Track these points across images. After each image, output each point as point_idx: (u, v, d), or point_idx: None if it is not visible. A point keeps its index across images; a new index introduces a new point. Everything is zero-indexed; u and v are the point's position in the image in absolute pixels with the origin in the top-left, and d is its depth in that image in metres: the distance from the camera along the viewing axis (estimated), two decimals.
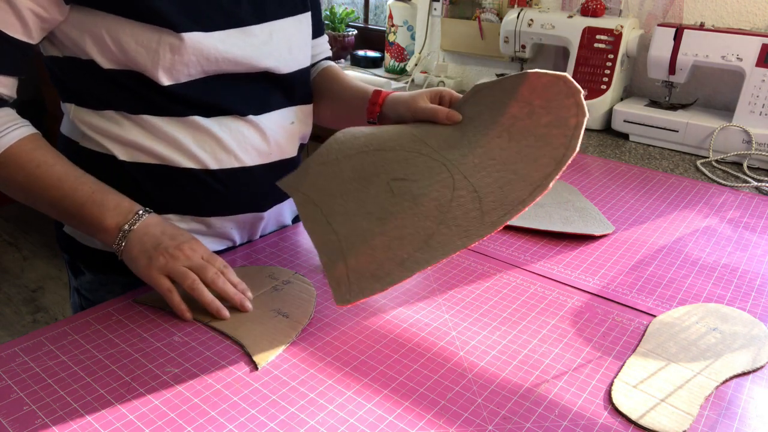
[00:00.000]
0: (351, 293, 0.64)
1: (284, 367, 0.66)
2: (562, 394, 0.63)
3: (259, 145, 0.87)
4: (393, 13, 2.21)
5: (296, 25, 0.90)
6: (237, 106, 0.84)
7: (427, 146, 0.77)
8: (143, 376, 0.64)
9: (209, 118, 0.82)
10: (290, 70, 0.90)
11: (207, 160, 0.82)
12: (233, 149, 0.84)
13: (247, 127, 0.85)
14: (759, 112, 1.40)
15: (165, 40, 0.74)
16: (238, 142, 0.84)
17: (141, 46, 0.74)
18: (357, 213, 0.71)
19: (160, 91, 0.78)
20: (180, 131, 0.80)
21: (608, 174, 1.27)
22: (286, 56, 0.88)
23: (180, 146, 0.81)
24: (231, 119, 0.84)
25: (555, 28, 1.68)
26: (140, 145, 0.80)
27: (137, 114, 0.79)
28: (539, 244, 0.95)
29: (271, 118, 0.88)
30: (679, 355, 0.69)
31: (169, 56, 0.75)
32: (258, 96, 0.86)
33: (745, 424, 0.60)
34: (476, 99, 0.81)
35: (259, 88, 0.86)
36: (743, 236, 1.00)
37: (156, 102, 0.79)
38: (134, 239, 0.73)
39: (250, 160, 0.86)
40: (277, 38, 0.86)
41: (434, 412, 0.60)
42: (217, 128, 0.82)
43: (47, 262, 2.73)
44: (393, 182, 0.73)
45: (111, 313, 0.74)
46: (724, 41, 1.42)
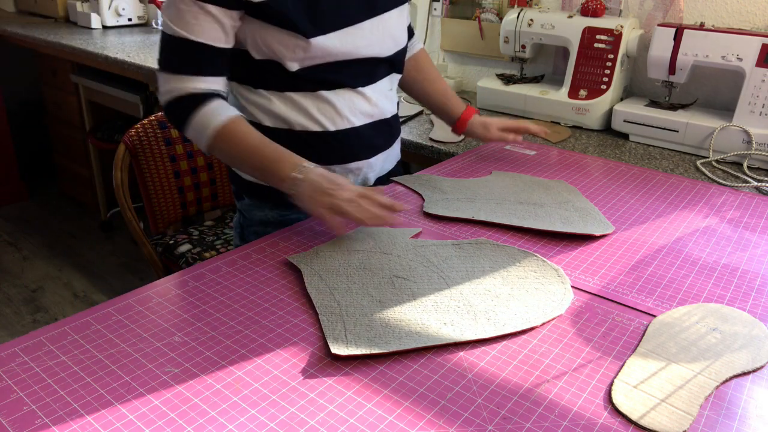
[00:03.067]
0: (348, 347, 0.68)
1: (284, 367, 0.66)
2: (562, 394, 0.63)
3: (366, 109, 1.11)
4: None
5: (399, 15, 1.12)
6: (350, 81, 1.08)
7: (430, 262, 0.87)
8: (143, 376, 0.64)
9: (330, 91, 1.06)
10: (392, 53, 1.13)
11: (327, 124, 1.07)
12: (346, 114, 1.08)
13: (357, 96, 1.09)
14: (759, 112, 1.40)
15: (299, 44, 1.00)
16: (350, 109, 1.09)
17: (281, 45, 1.00)
18: (359, 293, 0.79)
19: (293, 74, 1.03)
20: (309, 103, 1.06)
21: (608, 174, 1.27)
22: (390, 43, 1.11)
23: (309, 115, 1.06)
24: (346, 91, 1.08)
25: (555, 28, 1.68)
26: (281, 115, 1.06)
27: (282, 91, 1.05)
28: (539, 244, 0.95)
29: (375, 88, 1.12)
30: (679, 355, 0.69)
31: (302, 54, 1.01)
32: (367, 72, 1.10)
33: (745, 424, 0.60)
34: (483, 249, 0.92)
35: (366, 67, 1.10)
36: (743, 236, 1.00)
37: (292, 82, 1.04)
38: (301, 185, 0.92)
39: (359, 121, 1.10)
40: (383, 28, 1.08)
41: (434, 412, 0.60)
42: (335, 99, 1.07)
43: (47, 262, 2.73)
44: (395, 278, 0.83)
45: (111, 313, 0.74)
46: (724, 41, 1.42)
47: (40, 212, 3.17)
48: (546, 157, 1.35)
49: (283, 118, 1.07)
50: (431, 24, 2.15)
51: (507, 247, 0.92)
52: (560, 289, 0.81)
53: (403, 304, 0.77)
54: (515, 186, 1.16)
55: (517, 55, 1.79)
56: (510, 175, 1.21)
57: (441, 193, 1.11)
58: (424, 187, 1.14)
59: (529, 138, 1.55)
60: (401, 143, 1.58)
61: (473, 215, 1.02)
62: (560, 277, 0.84)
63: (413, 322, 0.73)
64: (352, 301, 0.77)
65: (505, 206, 1.06)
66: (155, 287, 0.80)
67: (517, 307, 0.77)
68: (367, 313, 0.75)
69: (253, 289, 0.81)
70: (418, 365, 0.67)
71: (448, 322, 0.73)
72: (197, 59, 0.99)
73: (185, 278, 0.82)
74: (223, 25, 0.98)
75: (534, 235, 0.98)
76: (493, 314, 0.75)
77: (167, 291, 0.79)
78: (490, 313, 0.76)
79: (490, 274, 0.84)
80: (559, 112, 1.69)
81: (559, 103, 1.68)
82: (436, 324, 0.73)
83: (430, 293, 0.79)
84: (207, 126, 0.99)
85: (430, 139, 1.55)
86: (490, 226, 1.01)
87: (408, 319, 0.74)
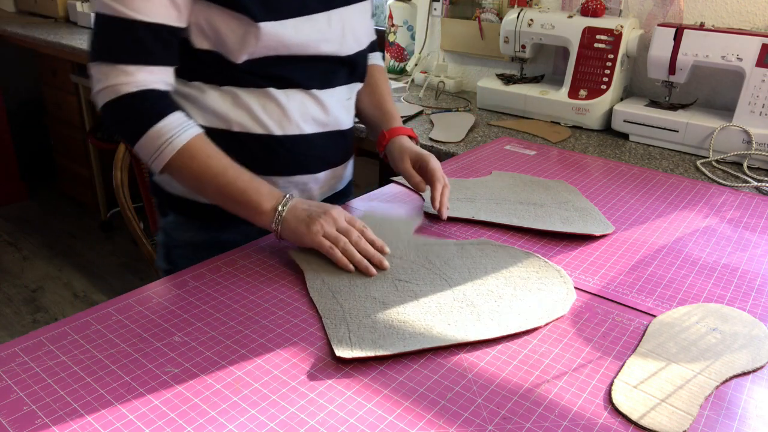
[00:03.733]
0: (353, 350, 0.67)
1: (284, 367, 0.66)
2: (562, 394, 0.63)
3: (319, 116, 0.99)
4: (393, 13, 2.21)
5: (360, 13, 1.02)
6: (303, 80, 0.96)
7: (432, 263, 0.86)
8: (143, 376, 0.64)
9: (280, 90, 0.94)
10: (351, 53, 1.01)
11: (273, 127, 0.95)
12: (295, 118, 0.96)
13: (310, 100, 0.98)
14: (759, 112, 1.40)
15: (250, 30, 0.87)
16: (301, 113, 0.97)
17: (230, 31, 0.88)
18: (362, 296, 0.78)
19: (239, 67, 0.91)
20: (253, 101, 0.94)
21: (608, 174, 1.27)
22: (351, 42, 1.00)
23: (252, 114, 0.94)
24: (297, 92, 0.96)
25: (555, 28, 1.68)
26: (219, 112, 0.93)
27: (223, 85, 0.93)
28: (539, 244, 0.95)
29: (332, 93, 1.01)
30: (679, 355, 0.69)
31: (253, 42, 0.88)
32: (321, 74, 0.99)
33: (745, 424, 0.60)
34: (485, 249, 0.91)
35: (322, 67, 0.98)
36: (743, 236, 1.00)
37: (237, 76, 0.92)
38: (289, 215, 0.85)
39: (309, 129, 0.99)
40: (340, 25, 0.97)
41: (434, 412, 0.60)
42: (284, 99, 0.95)
43: (47, 262, 2.73)
44: (397, 281, 0.82)
45: (111, 313, 0.74)
46: (724, 41, 1.42)
47: (40, 212, 3.17)
48: (546, 157, 1.35)
49: (221, 115, 0.94)
50: (431, 24, 2.15)
51: (508, 248, 0.91)
52: (563, 289, 0.81)
53: (407, 306, 0.76)
54: (515, 186, 1.16)
55: (517, 55, 1.79)
56: (510, 175, 1.21)
57: None
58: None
59: (529, 138, 1.55)
60: None
61: (473, 215, 1.02)
62: (562, 278, 0.84)
63: (417, 323, 0.73)
64: (355, 304, 0.77)
65: (505, 206, 1.06)
66: (155, 287, 0.80)
67: (521, 308, 0.77)
68: (371, 314, 0.74)
69: (253, 289, 0.81)
70: (418, 365, 0.67)
71: (452, 323, 0.73)
72: (146, 44, 0.84)
73: (185, 278, 0.82)
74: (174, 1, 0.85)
75: (534, 235, 0.98)
76: (497, 315, 0.75)
77: (167, 291, 0.79)
78: (494, 313, 0.75)
79: (492, 275, 0.84)
80: (559, 112, 1.69)
81: (559, 103, 1.68)
82: (440, 325, 0.73)
83: (433, 295, 0.79)
84: (167, 141, 0.85)
85: (430, 139, 1.55)
86: (490, 226, 1.01)
87: (412, 321, 0.73)
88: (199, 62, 0.91)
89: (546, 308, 0.77)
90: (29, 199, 3.29)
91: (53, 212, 3.16)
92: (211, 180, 0.87)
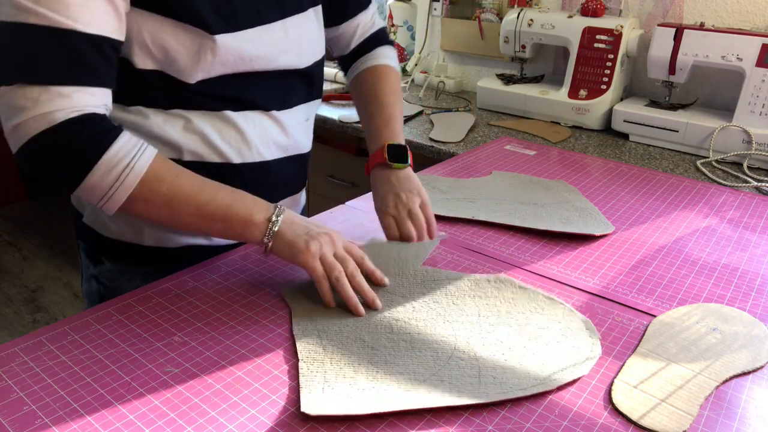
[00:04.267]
0: (321, 406, 0.59)
1: (284, 367, 0.66)
2: (562, 394, 0.63)
3: (280, 139, 0.89)
4: (393, 13, 2.21)
5: (310, 19, 0.91)
6: (262, 101, 0.86)
7: (437, 302, 0.78)
8: (143, 376, 0.64)
9: (237, 113, 0.84)
10: (307, 64, 0.91)
11: (231, 154, 0.84)
12: (255, 144, 0.86)
13: (270, 122, 0.88)
14: (759, 112, 1.40)
15: (205, 44, 0.76)
16: (260, 137, 0.87)
17: (182, 47, 0.76)
18: (350, 337, 0.71)
19: (190, 88, 0.79)
20: (208, 126, 0.82)
21: (608, 174, 1.27)
22: (306, 53, 0.90)
23: (207, 141, 0.82)
24: (256, 114, 0.86)
25: (555, 28, 1.68)
26: (168, 139, 0.81)
27: (170, 109, 0.80)
28: (539, 244, 0.95)
29: (291, 115, 0.91)
30: (679, 355, 0.69)
31: (210, 58, 0.77)
32: (281, 92, 0.89)
33: (745, 424, 0.60)
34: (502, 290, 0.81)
35: (281, 84, 0.88)
36: (743, 236, 1.00)
37: (188, 98, 0.80)
38: (284, 227, 0.76)
39: (270, 155, 0.89)
40: (296, 34, 0.87)
41: (434, 413, 0.60)
42: (243, 122, 0.84)
43: (47, 262, 2.73)
44: (395, 321, 0.74)
45: (111, 313, 0.74)
46: (724, 41, 1.42)
47: (40, 212, 3.17)
48: (546, 157, 1.35)
49: (169, 142, 0.81)
50: (431, 24, 2.15)
51: (530, 290, 0.80)
52: (587, 344, 0.70)
53: (398, 354, 0.68)
54: (515, 186, 1.16)
55: (517, 55, 1.79)
56: (510, 175, 1.21)
57: (441, 193, 1.11)
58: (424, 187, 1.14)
59: (529, 138, 1.55)
60: None
61: (473, 215, 1.02)
62: (588, 330, 0.72)
63: (405, 376, 0.64)
64: (340, 347, 0.69)
65: (505, 206, 1.06)
66: (155, 287, 0.80)
67: (531, 364, 0.66)
68: (354, 362, 0.66)
69: (253, 289, 0.81)
70: None
71: (445, 379, 0.64)
72: (87, 60, 0.69)
73: (185, 278, 0.82)
74: (116, 7, 0.70)
75: (534, 235, 0.98)
76: (501, 371, 0.65)
77: (167, 291, 0.79)
78: (498, 370, 0.65)
79: (505, 322, 0.74)
80: (559, 112, 1.69)
81: (559, 103, 1.68)
82: (431, 380, 0.64)
83: (430, 341, 0.70)
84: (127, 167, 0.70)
85: (430, 139, 1.55)
86: (490, 226, 1.01)
87: (399, 373, 0.65)
88: (141, 83, 0.78)
89: (561, 367, 0.66)
90: (29, 199, 3.29)
91: (53, 212, 3.16)
92: (187, 201, 0.74)
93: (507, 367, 0.66)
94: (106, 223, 0.87)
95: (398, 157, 0.93)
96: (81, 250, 0.95)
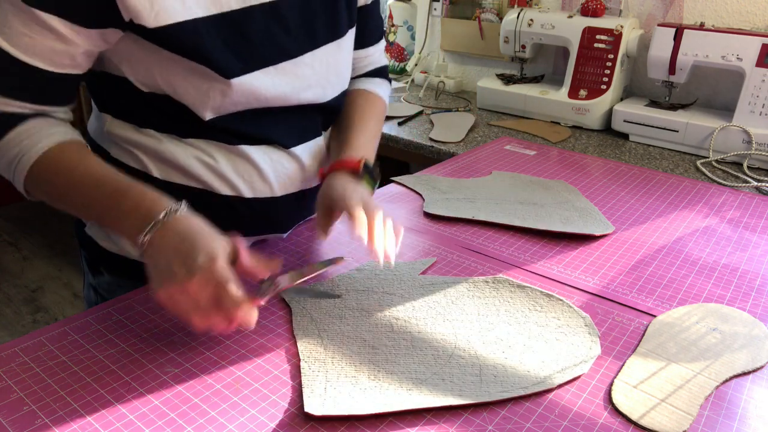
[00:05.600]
0: (325, 406, 0.60)
1: (284, 367, 0.66)
2: (562, 394, 0.63)
3: (295, 176, 0.86)
4: (393, 13, 2.21)
5: (346, 46, 0.86)
6: (281, 137, 0.82)
7: (437, 302, 0.78)
8: (143, 376, 0.64)
9: (254, 147, 0.80)
10: (335, 95, 0.87)
11: (243, 188, 0.81)
12: (270, 179, 0.83)
13: (287, 158, 0.84)
14: (759, 112, 1.40)
15: (215, 86, 0.73)
16: (276, 173, 0.83)
17: (190, 86, 0.73)
18: (351, 336, 0.71)
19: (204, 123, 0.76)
20: (223, 158, 0.79)
21: (608, 174, 1.27)
22: (334, 82, 0.86)
23: (220, 173, 0.79)
24: (274, 150, 0.82)
25: (555, 28, 1.68)
26: (179, 165, 0.78)
27: (185, 138, 0.78)
28: (539, 244, 0.95)
29: (308, 148, 0.87)
30: (679, 355, 0.69)
31: (219, 98, 0.74)
32: (301, 127, 0.85)
33: (745, 424, 0.60)
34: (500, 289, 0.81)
35: (302, 119, 0.85)
36: (743, 236, 1.00)
37: (202, 129, 0.77)
38: (151, 251, 0.64)
39: (283, 190, 0.85)
40: (326, 65, 0.83)
41: (434, 412, 0.60)
42: (259, 158, 0.81)
43: (47, 262, 2.73)
44: (395, 320, 0.74)
45: (111, 313, 0.74)
46: (724, 41, 1.42)
47: (40, 212, 3.17)
48: (546, 157, 1.35)
49: (182, 168, 0.78)
50: (431, 24, 2.15)
51: (528, 288, 0.80)
52: (586, 341, 0.70)
53: (399, 353, 0.68)
54: (515, 186, 1.16)
55: (517, 55, 1.79)
56: (510, 175, 1.21)
57: (441, 193, 1.11)
58: (424, 187, 1.14)
59: (529, 138, 1.55)
60: (400, 143, 1.58)
61: (473, 215, 1.02)
62: (587, 327, 0.73)
63: (406, 375, 0.64)
64: (341, 346, 0.69)
65: (505, 206, 1.06)
66: None
67: (532, 362, 0.67)
68: (356, 362, 0.66)
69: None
70: None
71: (446, 378, 0.64)
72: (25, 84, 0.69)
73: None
74: (70, 47, 0.68)
75: (534, 235, 0.98)
76: (502, 369, 0.65)
77: None
78: (498, 368, 0.66)
79: (504, 320, 0.74)
80: (559, 112, 1.69)
81: (559, 103, 1.68)
82: (432, 379, 0.64)
83: (431, 340, 0.70)
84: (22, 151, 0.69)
85: (430, 139, 1.55)
86: (490, 226, 1.01)
87: (401, 372, 0.65)
88: (153, 108, 0.76)
89: (562, 365, 0.66)
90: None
91: (53, 212, 3.16)
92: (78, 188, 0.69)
93: (508, 366, 0.66)
94: (108, 236, 0.86)
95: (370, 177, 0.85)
96: (82, 257, 0.94)
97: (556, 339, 0.71)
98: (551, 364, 0.66)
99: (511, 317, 0.75)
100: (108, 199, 0.68)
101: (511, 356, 0.68)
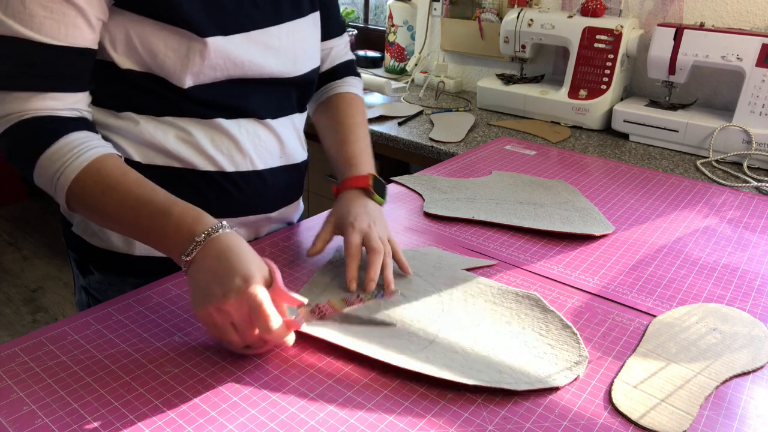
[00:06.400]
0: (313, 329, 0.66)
1: (284, 367, 0.66)
2: (562, 394, 0.63)
3: (273, 149, 0.89)
4: (393, 13, 2.21)
5: (309, 26, 0.90)
6: (257, 108, 0.85)
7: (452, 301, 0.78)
8: (143, 376, 0.64)
9: (230, 120, 0.83)
10: (305, 71, 0.90)
11: (223, 162, 0.84)
12: (249, 152, 0.85)
13: (264, 130, 0.87)
14: (759, 112, 1.40)
15: (194, 47, 0.76)
16: (254, 145, 0.86)
17: (170, 50, 0.76)
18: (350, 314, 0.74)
19: (182, 93, 0.79)
20: (200, 133, 0.82)
21: (608, 174, 1.27)
22: (303, 59, 0.89)
23: (199, 148, 0.82)
24: (250, 122, 0.85)
25: (555, 28, 1.68)
26: (158, 145, 0.81)
27: (161, 116, 0.80)
28: (539, 244, 0.95)
29: (285, 123, 0.90)
30: (679, 355, 0.69)
31: (199, 61, 0.77)
32: (275, 100, 0.88)
33: (745, 424, 0.60)
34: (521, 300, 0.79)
35: (276, 91, 0.88)
36: (743, 236, 1.00)
37: (179, 104, 0.80)
38: (192, 270, 0.66)
39: (263, 164, 0.88)
40: (292, 40, 0.87)
41: (434, 412, 0.60)
42: (236, 130, 0.84)
43: (47, 262, 2.73)
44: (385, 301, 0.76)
45: (111, 313, 0.74)
46: (724, 41, 1.42)
47: (40, 212, 3.17)
48: (546, 157, 1.35)
49: (161, 149, 0.81)
50: (431, 24, 2.15)
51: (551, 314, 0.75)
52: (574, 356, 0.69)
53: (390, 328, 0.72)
54: (515, 186, 1.16)
55: (517, 55, 1.79)
56: (510, 175, 1.22)
57: (441, 193, 1.11)
58: (423, 187, 1.14)
59: (529, 138, 1.55)
60: (400, 143, 1.58)
61: (473, 215, 1.02)
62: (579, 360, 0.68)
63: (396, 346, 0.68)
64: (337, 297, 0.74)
65: (505, 206, 1.06)
66: (155, 287, 0.80)
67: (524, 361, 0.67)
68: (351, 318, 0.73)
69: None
70: None
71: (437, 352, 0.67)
72: (50, 69, 0.71)
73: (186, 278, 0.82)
74: (86, 16, 0.71)
75: (534, 235, 0.98)
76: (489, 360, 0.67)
77: (167, 291, 0.79)
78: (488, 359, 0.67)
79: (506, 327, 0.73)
80: (559, 112, 1.69)
81: (559, 103, 1.68)
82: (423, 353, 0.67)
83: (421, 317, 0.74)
84: (65, 164, 0.70)
85: (430, 139, 1.55)
86: (490, 225, 1.01)
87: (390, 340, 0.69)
88: (131, 88, 0.78)
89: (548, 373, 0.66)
90: (29, 199, 3.29)
91: (53, 212, 3.16)
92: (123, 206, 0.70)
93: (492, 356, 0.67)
94: (95, 232, 0.86)
95: (380, 191, 0.89)
96: (71, 260, 0.94)
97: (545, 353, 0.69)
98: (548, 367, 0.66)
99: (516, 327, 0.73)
100: (149, 220, 0.69)
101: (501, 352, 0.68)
